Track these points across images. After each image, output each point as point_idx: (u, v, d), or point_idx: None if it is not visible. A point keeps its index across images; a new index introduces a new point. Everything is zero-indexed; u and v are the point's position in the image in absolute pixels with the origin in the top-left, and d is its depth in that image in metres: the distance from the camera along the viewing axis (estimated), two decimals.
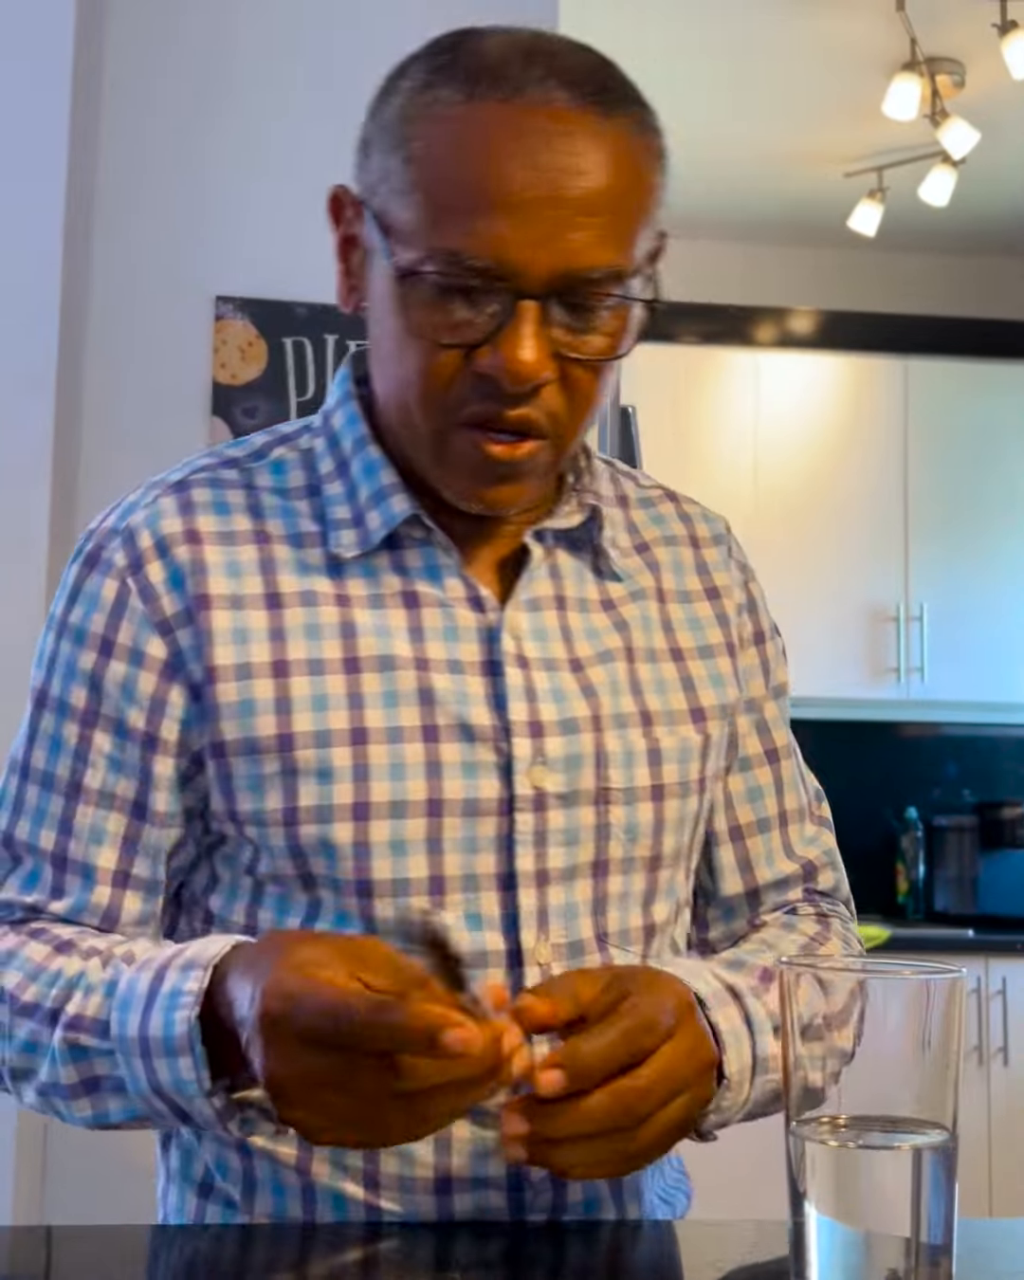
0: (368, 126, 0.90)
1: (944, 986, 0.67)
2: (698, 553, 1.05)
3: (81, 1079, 0.85)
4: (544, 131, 0.82)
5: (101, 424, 2.48)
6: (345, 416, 0.98)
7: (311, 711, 0.90)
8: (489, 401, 0.86)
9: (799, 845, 1.07)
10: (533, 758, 0.92)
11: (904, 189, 4.07)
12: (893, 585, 4.12)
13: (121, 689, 0.92)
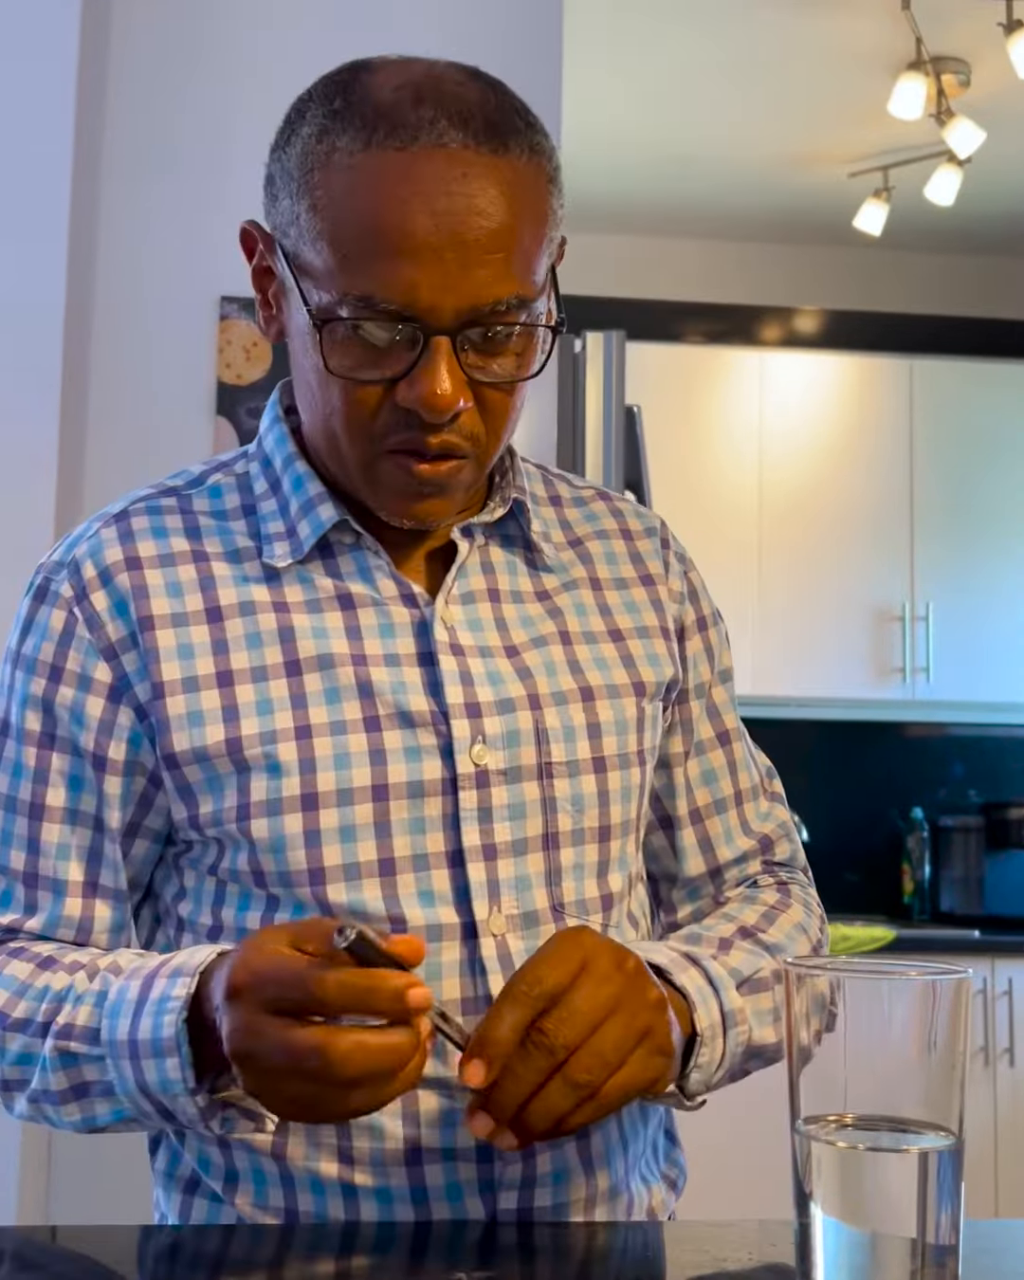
0: (272, 166, 0.94)
1: (950, 987, 0.66)
2: (630, 544, 1.11)
3: (71, 1084, 0.89)
4: (441, 176, 0.87)
5: (107, 424, 2.48)
6: (274, 438, 1.03)
7: (257, 716, 0.95)
8: (412, 430, 0.91)
9: (755, 822, 1.12)
10: (472, 737, 0.96)
11: (910, 188, 4.07)
12: (898, 585, 4.12)
13: (71, 713, 0.97)
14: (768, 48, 3.57)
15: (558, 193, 0.93)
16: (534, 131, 0.92)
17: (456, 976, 0.94)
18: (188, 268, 2.53)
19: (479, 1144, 0.93)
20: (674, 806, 1.10)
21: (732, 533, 4.04)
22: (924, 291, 4.62)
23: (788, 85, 3.74)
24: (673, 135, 3.95)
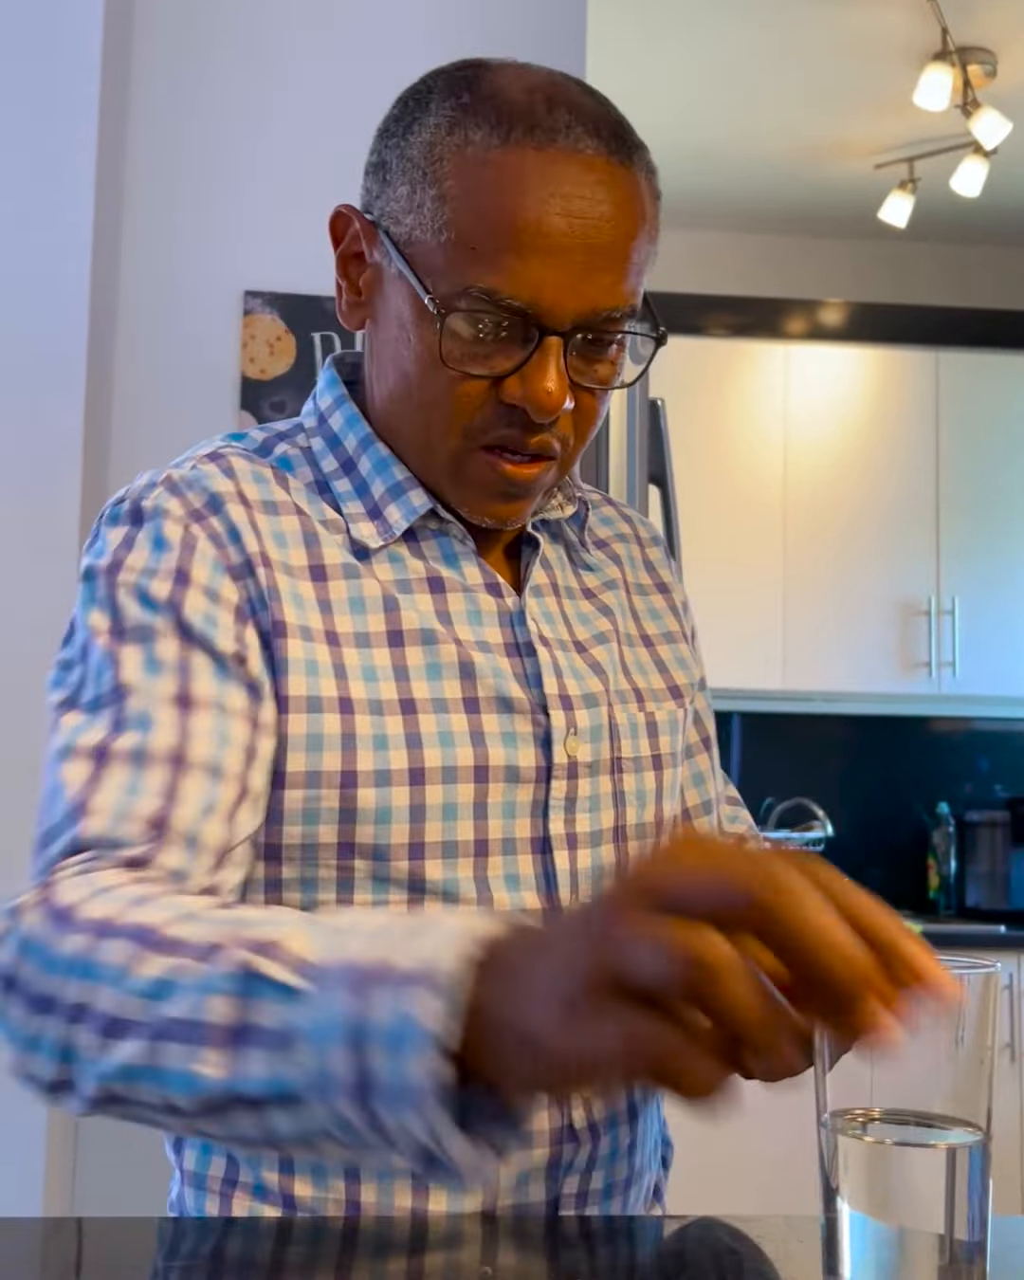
0: (386, 154, 0.94)
1: (978, 982, 0.66)
2: (644, 551, 1.14)
3: (233, 1024, 0.63)
4: (577, 180, 0.88)
5: (131, 419, 2.49)
6: (345, 417, 1.01)
7: (363, 680, 0.93)
8: (513, 428, 0.92)
9: (727, 824, 1.18)
10: (567, 729, 0.98)
11: (935, 180, 4.05)
12: (924, 579, 4.10)
13: (204, 617, 0.89)
14: (792, 39, 3.55)
15: (660, 211, 0.95)
16: (645, 150, 0.94)
17: None
18: (212, 262, 2.53)
19: (553, 1127, 0.94)
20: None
21: (757, 527, 4.03)
22: (950, 283, 4.60)
23: (813, 77, 3.73)
24: (697, 127, 3.94)
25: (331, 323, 2.50)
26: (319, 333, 2.50)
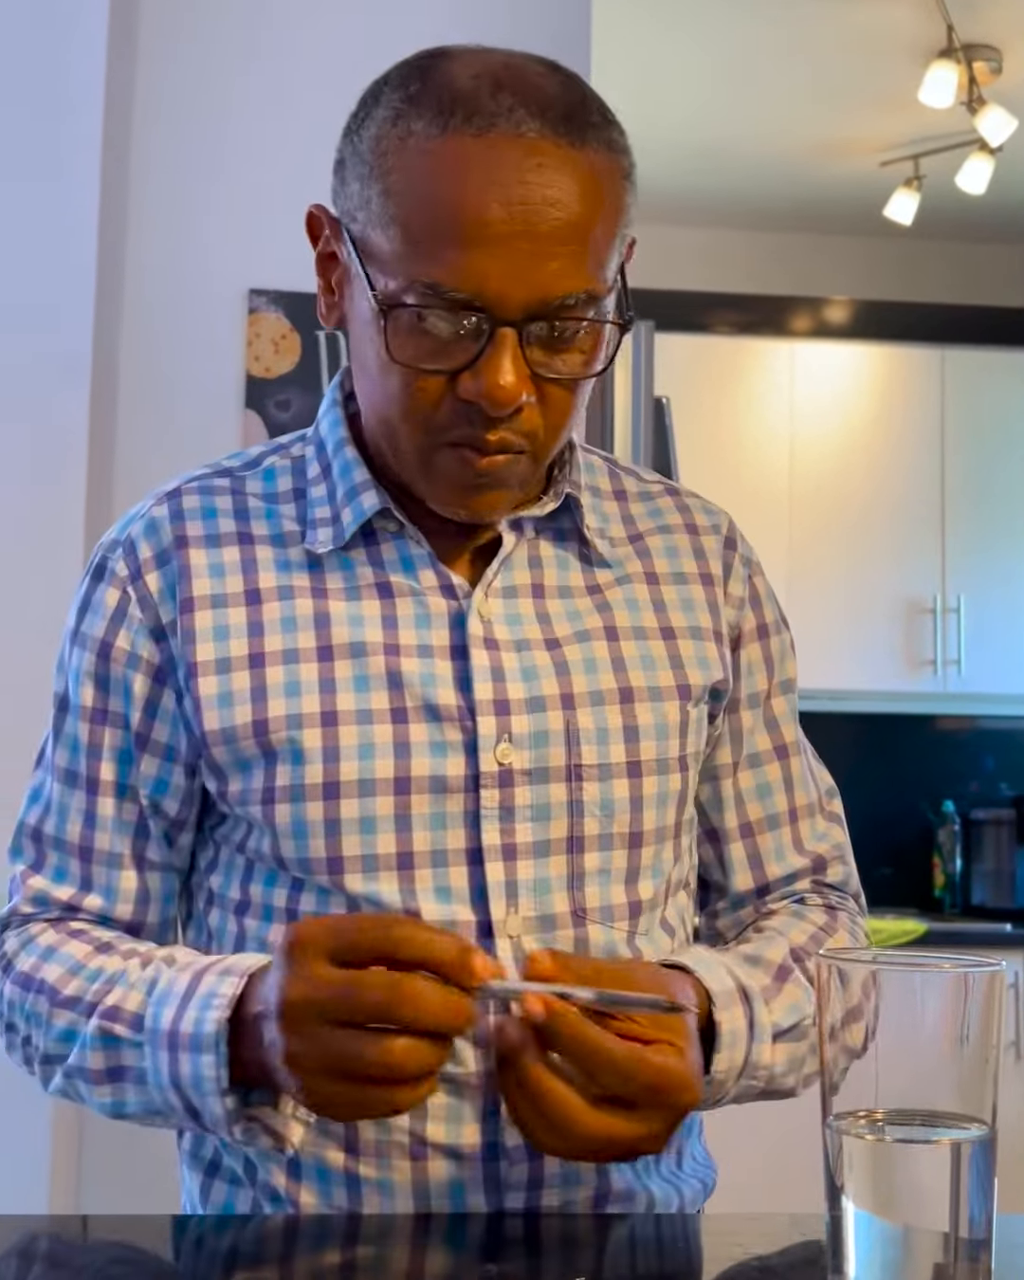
0: (343, 149, 0.94)
1: (984, 979, 0.66)
2: (694, 539, 1.08)
3: (107, 1066, 0.90)
4: (517, 165, 0.85)
5: (136, 417, 2.49)
6: (329, 423, 1.03)
7: (284, 698, 0.95)
8: (474, 425, 0.90)
9: (809, 840, 1.08)
10: (498, 735, 0.95)
11: (941, 177, 4.04)
12: (929, 577, 4.10)
13: (122, 688, 0.99)
14: (798, 37, 3.55)
15: (632, 190, 0.92)
16: (611, 127, 0.91)
17: None
18: (217, 261, 2.53)
19: (485, 1142, 0.93)
20: (721, 820, 1.07)
21: (762, 525, 4.02)
22: (955, 281, 4.59)
23: (818, 74, 3.72)
24: (702, 125, 3.93)
25: None
26: (324, 331, 2.50)
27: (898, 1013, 0.67)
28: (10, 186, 2.33)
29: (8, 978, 0.98)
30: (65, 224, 2.32)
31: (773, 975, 0.95)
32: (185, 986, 0.87)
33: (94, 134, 2.33)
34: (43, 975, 0.95)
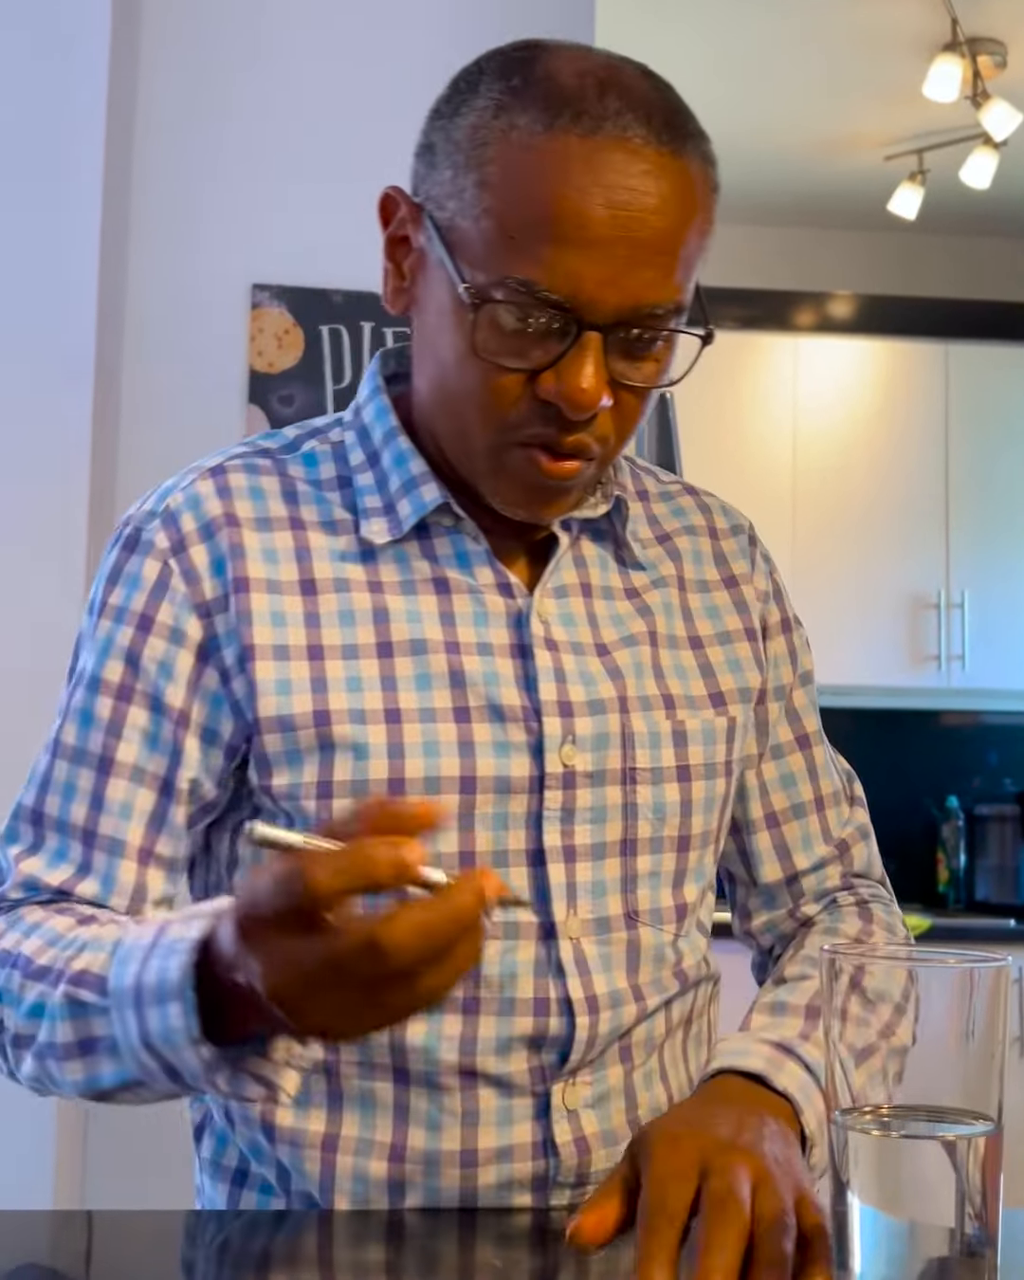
0: (433, 135, 0.91)
1: (989, 975, 0.66)
2: (716, 543, 1.08)
3: (78, 1038, 0.83)
4: (622, 169, 0.84)
5: (139, 412, 2.48)
6: (375, 410, 1.00)
7: (346, 692, 0.92)
8: (549, 426, 0.89)
9: (835, 828, 1.09)
10: (563, 737, 0.94)
11: (945, 171, 4.04)
12: (934, 572, 4.09)
13: (159, 665, 0.94)
14: (801, 30, 3.54)
15: (717, 205, 0.91)
16: (704, 139, 0.90)
17: (532, 975, 0.93)
18: (220, 256, 2.52)
19: (537, 1140, 0.93)
20: (746, 810, 1.08)
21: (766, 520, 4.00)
22: (960, 275, 4.58)
23: (821, 68, 3.71)
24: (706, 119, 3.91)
25: (340, 315, 2.50)
26: (327, 326, 2.50)
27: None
28: (13, 184, 2.33)
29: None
30: (68, 220, 2.32)
31: (804, 1016, 0.95)
32: (150, 939, 0.79)
33: (97, 131, 2.33)
34: (21, 949, 0.88)
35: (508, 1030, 0.92)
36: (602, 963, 0.95)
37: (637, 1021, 0.97)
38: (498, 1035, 0.92)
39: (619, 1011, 0.95)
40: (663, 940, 0.98)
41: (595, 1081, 0.95)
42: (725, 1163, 0.75)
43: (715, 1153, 0.76)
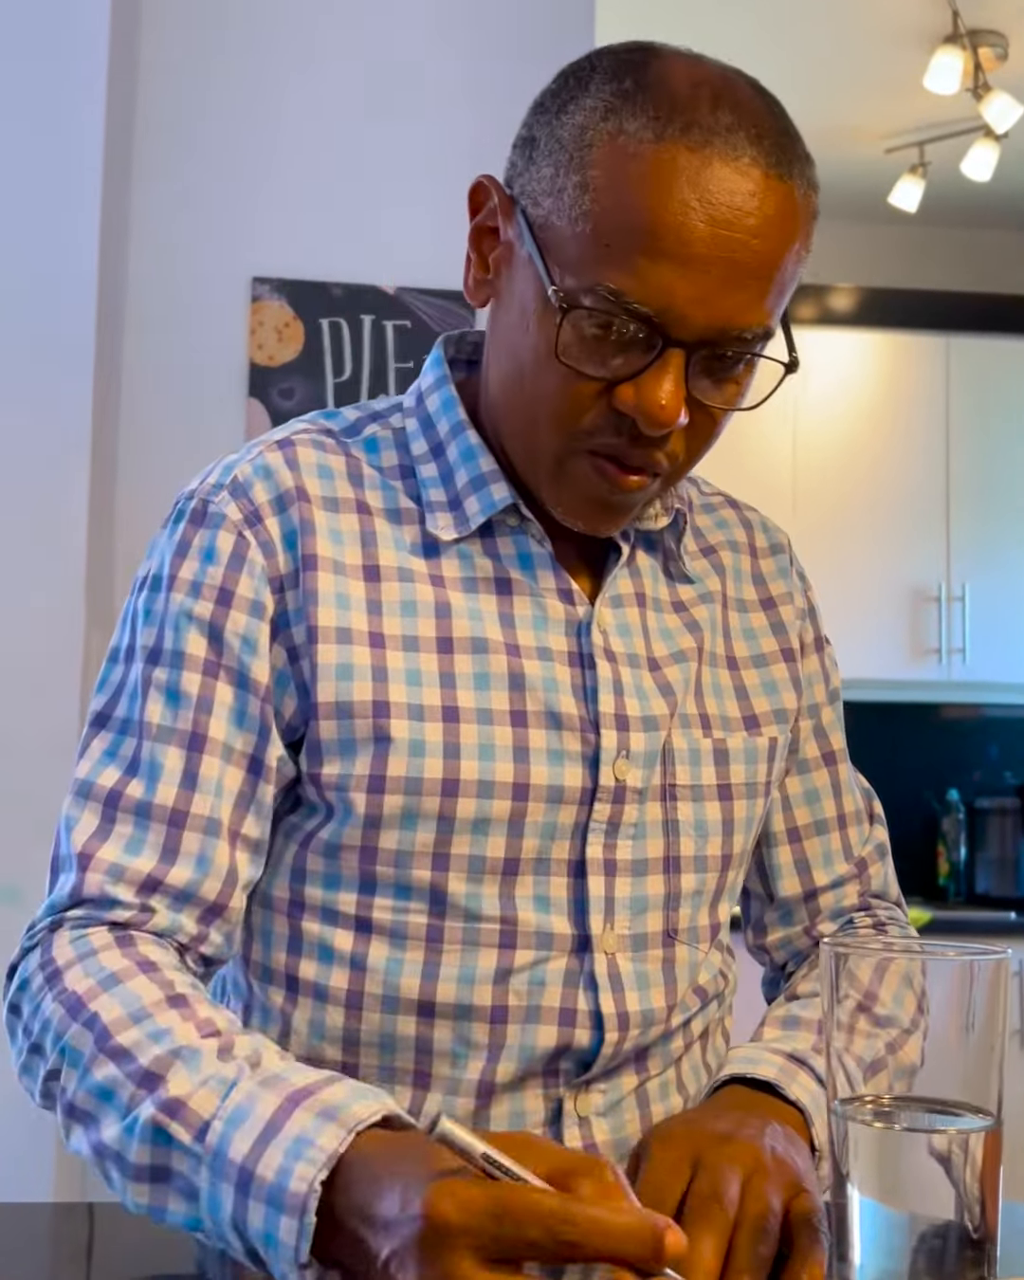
0: (537, 130, 0.88)
1: (989, 968, 0.66)
2: (756, 562, 1.08)
3: (152, 1163, 0.76)
4: (728, 187, 0.82)
5: (139, 406, 2.48)
6: (441, 400, 0.98)
7: (406, 685, 0.90)
8: (621, 437, 0.87)
9: (856, 846, 1.09)
10: (618, 750, 0.93)
11: (946, 164, 4.03)
12: (934, 565, 4.09)
13: (243, 639, 0.91)
14: (802, 22, 3.53)
15: (815, 228, 0.89)
16: (809, 164, 0.88)
17: (560, 986, 0.92)
18: (220, 248, 2.52)
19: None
20: (769, 824, 1.06)
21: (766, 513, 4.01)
22: (961, 268, 4.58)
23: (822, 60, 3.71)
24: None
25: (340, 308, 2.49)
26: (327, 319, 2.49)
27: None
28: (13, 176, 2.32)
29: (51, 990, 0.84)
30: (68, 212, 2.32)
31: (817, 1030, 0.94)
32: (270, 1114, 0.71)
33: (97, 124, 2.33)
34: (96, 1009, 0.81)
35: (533, 1040, 0.92)
36: (636, 980, 0.94)
37: (659, 1037, 0.96)
38: (522, 1044, 0.92)
39: (648, 1030, 0.95)
40: (696, 959, 0.98)
41: (608, 1089, 0.95)
42: (716, 1159, 0.75)
43: (709, 1147, 0.77)
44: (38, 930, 0.89)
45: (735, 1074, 0.88)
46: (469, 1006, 0.91)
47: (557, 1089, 0.93)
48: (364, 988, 0.91)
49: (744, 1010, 1.07)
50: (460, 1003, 0.91)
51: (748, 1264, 0.72)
